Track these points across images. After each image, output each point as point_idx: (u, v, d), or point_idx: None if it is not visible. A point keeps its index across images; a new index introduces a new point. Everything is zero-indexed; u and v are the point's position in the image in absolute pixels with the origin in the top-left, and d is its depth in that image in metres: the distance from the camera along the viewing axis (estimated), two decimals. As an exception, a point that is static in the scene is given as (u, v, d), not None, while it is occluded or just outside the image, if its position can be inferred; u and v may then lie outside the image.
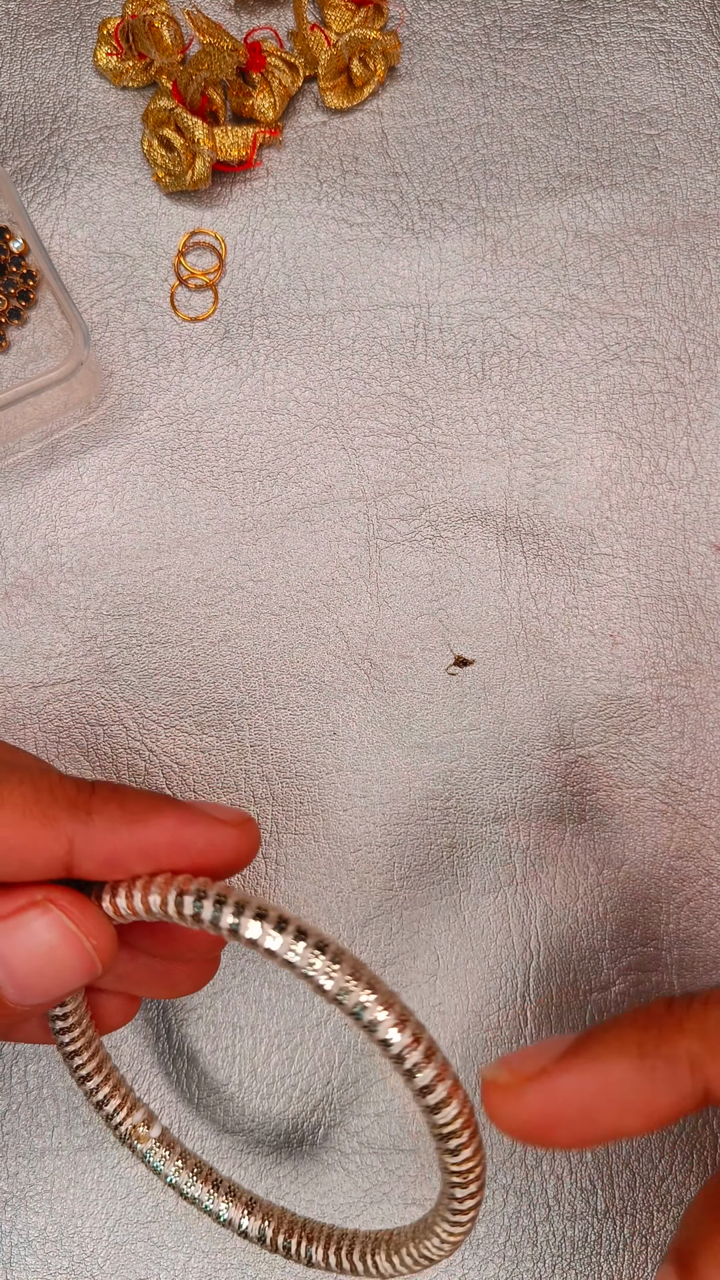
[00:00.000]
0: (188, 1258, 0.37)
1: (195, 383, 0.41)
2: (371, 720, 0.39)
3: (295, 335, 0.41)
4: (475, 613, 0.40)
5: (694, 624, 0.40)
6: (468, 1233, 0.27)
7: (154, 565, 0.40)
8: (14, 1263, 0.37)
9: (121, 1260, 0.37)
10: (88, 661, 0.39)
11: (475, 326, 0.41)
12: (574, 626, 0.40)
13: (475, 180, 0.42)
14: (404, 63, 0.43)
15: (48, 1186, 0.37)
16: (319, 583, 0.40)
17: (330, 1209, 0.37)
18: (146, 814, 0.25)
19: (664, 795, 0.39)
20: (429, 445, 0.41)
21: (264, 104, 0.41)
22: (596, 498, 0.41)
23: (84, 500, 0.40)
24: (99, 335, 0.41)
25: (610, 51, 0.43)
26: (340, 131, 0.42)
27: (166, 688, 0.39)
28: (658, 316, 0.41)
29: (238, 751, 0.39)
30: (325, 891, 0.39)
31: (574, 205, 0.42)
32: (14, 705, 0.39)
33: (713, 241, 0.42)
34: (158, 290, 0.41)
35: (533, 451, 0.41)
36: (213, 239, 0.42)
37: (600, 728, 0.39)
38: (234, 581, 0.40)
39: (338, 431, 0.41)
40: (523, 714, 0.39)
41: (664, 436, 0.41)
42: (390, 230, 0.42)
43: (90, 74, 0.42)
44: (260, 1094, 0.38)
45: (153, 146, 0.41)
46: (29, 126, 0.42)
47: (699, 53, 0.43)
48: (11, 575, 0.40)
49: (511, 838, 0.39)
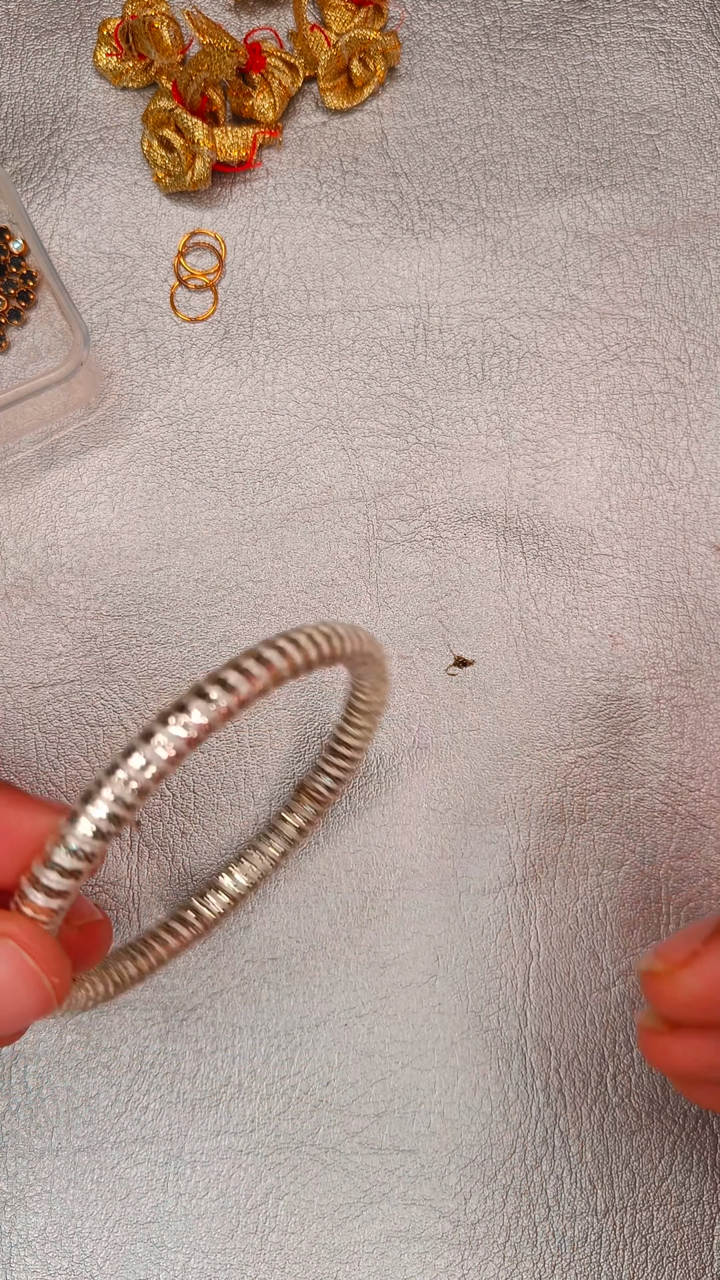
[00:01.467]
0: (187, 1258, 0.37)
1: (195, 383, 0.41)
2: (371, 720, 0.39)
3: (295, 335, 0.41)
4: (475, 613, 0.40)
5: (694, 624, 0.40)
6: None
7: (154, 565, 0.40)
8: (13, 1263, 0.37)
9: (121, 1261, 0.37)
10: (88, 662, 0.39)
11: (475, 327, 0.41)
12: (574, 626, 0.40)
13: (475, 180, 0.42)
14: (404, 63, 0.43)
15: (47, 1187, 0.37)
16: (319, 583, 0.40)
17: (330, 1209, 0.37)
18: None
19: (664, 795, 0.39)
20: (429, 445, 0.41)
21: (264, 104, 0.41)
22: (596, 498, 0.41)
23: (84, 500, 0.40)
24: (99, 336, 0.41)
25: (610, 51, 0.43)
26: (340, 132, 0.42)
27: (166, 688, 0.39)
28: (658, 317, 0.41)
29: (238, 751, 0.39)
30: (325, 892, 0.38)
31: (574, 205, 0.42)
32: (14, 705, 0.39)
33: (713, 241, 0.42)
34: (158, 291, 0.41)
35: (533, 452, 0.41)
36: (212, 239, 0.42)
37: (600, 728, 0.39)
38: (234, 582, 0.40)
39: (338, 432, 0.41)
40: (523, 714, 0.39)
41: (664, 437, 0.41)
42: (390, 230, 0.42)
43: (90, 74, 0.42)
44: (260, 1094, 0.38)
45: (153, 147, 0.41)
46: (29, 127, 0.42)
47: (699, 53, 0.43)
48: (11, 575, 0.40)
49: (511, 838, 0.39)
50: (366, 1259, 0.37)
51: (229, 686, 0.23)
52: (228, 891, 0.36)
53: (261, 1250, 0.37)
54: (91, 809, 0.23)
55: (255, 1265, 0.37)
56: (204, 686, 0.23)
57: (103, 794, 0.23)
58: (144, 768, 0.23)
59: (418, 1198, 0.37)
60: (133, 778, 0.23)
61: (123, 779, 0.23)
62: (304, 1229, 0.37)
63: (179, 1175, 0.37)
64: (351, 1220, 0.37)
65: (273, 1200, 0.37)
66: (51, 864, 0.23)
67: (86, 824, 0.23)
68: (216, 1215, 0.37)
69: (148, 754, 0.23)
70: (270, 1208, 0.37)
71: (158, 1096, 0.38)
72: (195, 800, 0.39)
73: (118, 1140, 0.37)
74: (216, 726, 0.23)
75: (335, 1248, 0.37)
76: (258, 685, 0.23)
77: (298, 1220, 0.37)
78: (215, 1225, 0.37)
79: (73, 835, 0.23)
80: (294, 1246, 0.37)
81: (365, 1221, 0.37)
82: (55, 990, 0.24)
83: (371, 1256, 0.37)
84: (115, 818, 0.23)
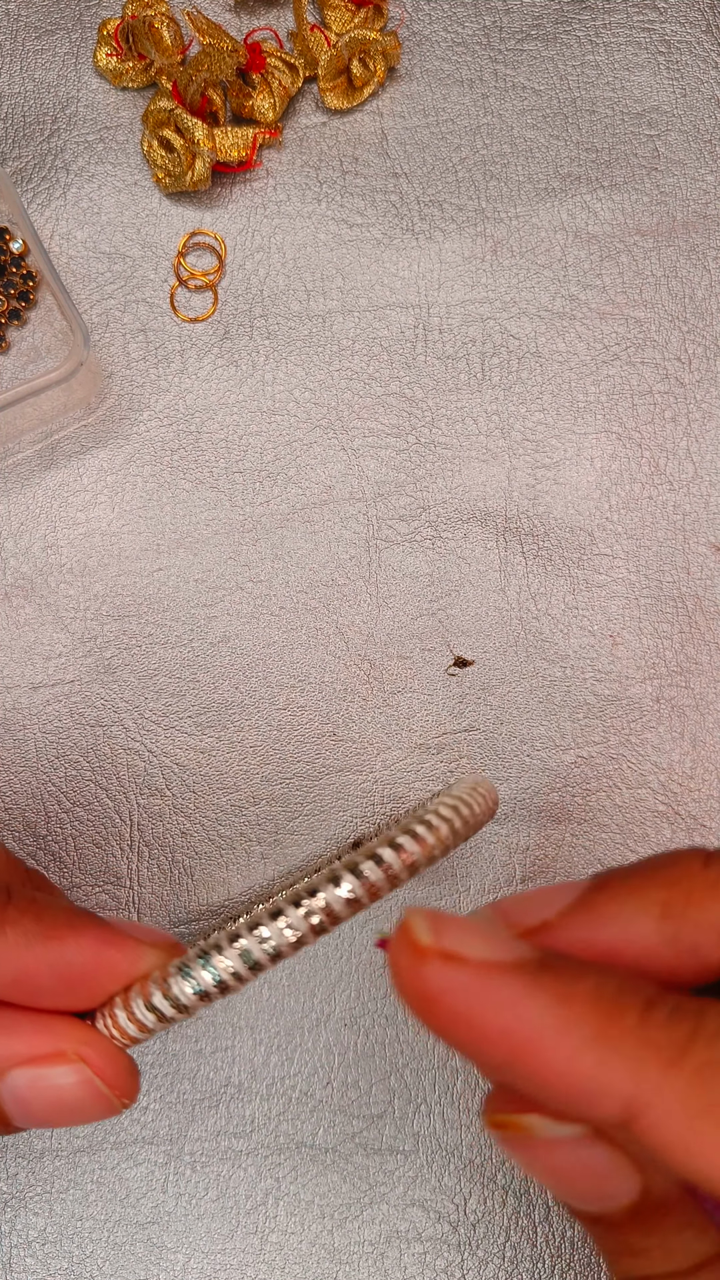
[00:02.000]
0: (187, 1258, 0.37)
1: (195, 383, 0.41)
2: (371, 720, 0.39)
3: (295, 336, 0.41)
4: (475, 613, 0.40)
5: (694, 624, 0.40)
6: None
7: (154, 566, 0.40)
8: (13, 1264, 0.37)
9: (121, 1261, 0.37)
10: (87, 662, 0.39)
11: (475, 327, 0.41)
12: (574, 626, 0.40)
13: (475, 181, 0.42)
14: (404, 63, 0.43)
15: (47, 1188, 0.37)
16: (319, 583, 0.40)
17: (330, 1209, 0.37)
18: (64, 930, 0.23)
19: (664, 795, 0.39)
20: (429, 446, 0.41)
21: (264, 104, 0.41)
22: (596, 498, 0.41)
23: (84, 500, 0.40)
24: (99, 336, 0.41)
25: (610, 51, 0.43)
26: (340, 132, 0.42)
27: (166, 688, 0.39)
28: (658, 317, 0.41)
29: (238, 751, 0.39)
30: (325, 892, 0.38)
31: (574, 205, 0.42)
32: (14, 706, 0.39)
33: (713, 241, 0.42)
34: (158, 291, 0.41)
35: (533, 452, 0.41)
36: (213, 240, 0.42)
37: (600, 728, 0.39)
38: (234, 582, 0.40)
39: (338, 432, 0.41)
40: (523, 714, 0.39)
41: (664, 437, 0.41)
42: (390, 231, 0.42)
43: (90, 74, 0.42)
44: (260, 1094, 0.38)
45: (153, 147, 0.41)
46: (29, 127, 0.42)
47: (699, 53, 0.43)
48: (11, 575, 0.40)
49: (511, 838, 0.39)
50: (366, 1259, 0.37)
51: (360, 874, 0.22)
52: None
53: (261, 1250, 0.37)
54: (204, 973, 0.22)
55: (255, 1265, 0.37)
56: (338, 871, 0.22)
57: (217, 961, 0.22)
58: (264, 941, 0.22)
59: (417, 1198, 0.37)
60: (252, 949, 0.22)
61: (241, 949, 0.22)
62: (304, 1229, 0.37)
63: (179, 1175, 0.37)
64: (351, 1220, 0.37)
65: (273, 1200, 0.37)
66: (151, 1007, 0.23)
67: (195, 984, 0.22)
68: (216, 1215, 0.37)
69: (272, 929, 0.22)
70: (270, 1208, 0.37)
71: (158, 1097, 0.38)
72: (195, 800, 0.39)
73: (118, 1141, 0.37)
74: (343, 917, 0.22)
75: (335, 1248, 0.37)
76: (392, 870, 0.22)
77: (298, 1220, 0.37)
78: (215, 1225, 0.37)
79: (181, 990, 0.23)
80: (294, 1246, 0.37)
81: (365, 1222, 0.37)
82: (122, 1103, 0.24)
83: (371, 1257, 0.37)
84: (224, 985, 0.22)
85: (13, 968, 0.23)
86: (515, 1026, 0.18)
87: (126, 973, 0.23)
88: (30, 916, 0.23)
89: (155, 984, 0.23)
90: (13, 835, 0.39)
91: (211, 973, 0.22)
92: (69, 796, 0.39)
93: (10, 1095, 0.23)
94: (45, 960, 0.23)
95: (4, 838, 0.39)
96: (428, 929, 0.19)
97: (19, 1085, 0.23)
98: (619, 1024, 0.18)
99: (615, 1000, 0.18)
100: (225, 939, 0.22)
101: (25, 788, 0.39)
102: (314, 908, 0.22)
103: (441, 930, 0.19)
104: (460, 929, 0.19)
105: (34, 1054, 0.23)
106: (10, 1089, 0.23)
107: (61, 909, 0.24)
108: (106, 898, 0.38)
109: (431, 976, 0.19)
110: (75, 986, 0.23)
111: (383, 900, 0.24)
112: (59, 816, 0.39)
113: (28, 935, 0.23)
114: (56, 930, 0.23)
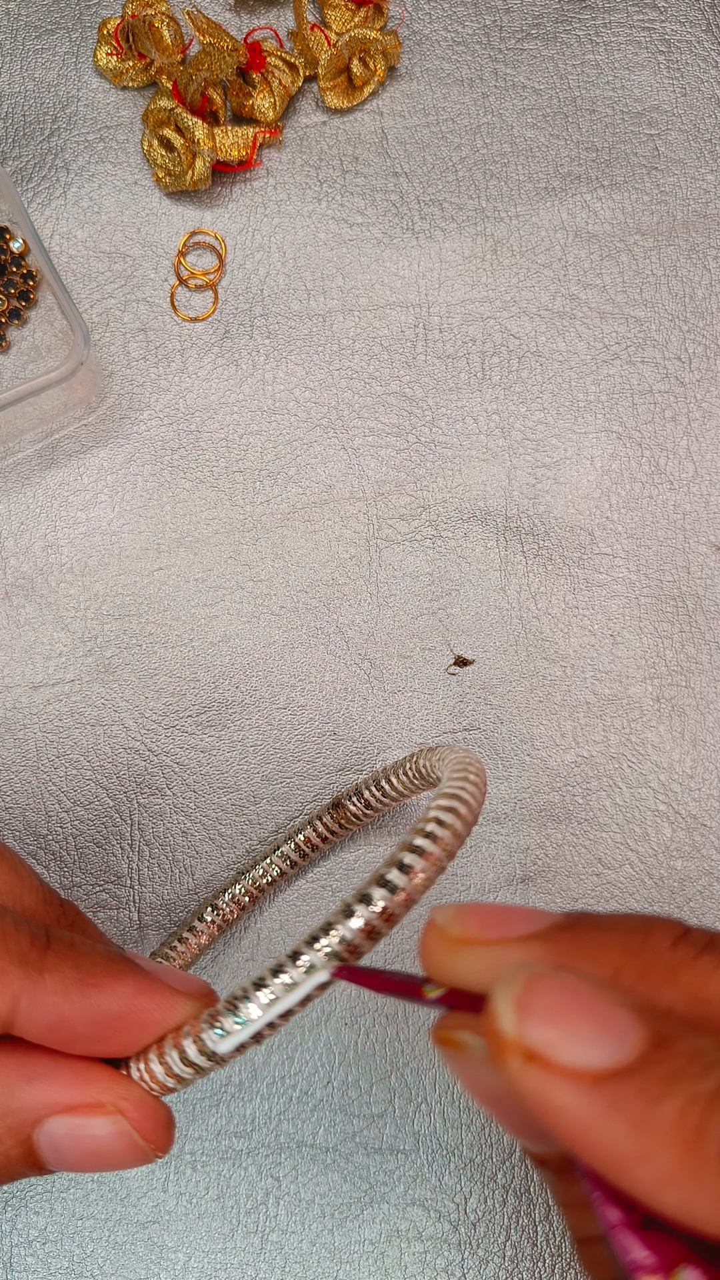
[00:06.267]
0: (188, 1258, 0.37)
1: (195, 383, 0.41)
2: (372, 720, 0.39)
3: (295, 335, 0.41)
4: (475, 613, 0.40)
5: (694, 624, 0.40)
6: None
7: (154, 565, 0.40)
8: (14, 1263, 0.37)
9: (121, 1260, 0.37)
10: (88, 661, 0.39)
11: (475, 326, 0.41)
12: (574, 626, 0.40)
13: (475, 180, 0.42)
14: (404, 63, 0.43)
15: (48, 1187, 0.37)
16: (319, 583, 0.40)
17: (329, 1209, 0.37)
18: (102, 978, 0.23)
19: (664, 795, 0.39)
20: (429, 445, 0.41)
21: (264, 104, 0.41)
22: (596, 498, 0.41)
23: (84, 500, 0.40)
24: (99, 335, 0.41)
25: (610, 51, 0.43)
26: (340, 131, 0.42)
27: (166, 688, 0.39)
28: (658, 316, 0.41)
29: (238, 751, 0.39)
30: (325, 891, 0.38)
31: (574, 205, 0.42)
32: (14, 705, 0.39)
33: (713, 241, 0.42)
34: (158, 290, 0.41)
35: (533, 451, 0.41)
36: (213, 239, 0.42)
37: (600, 727, 0.39)
38: (234, 581, 0.40)
39: (338, 431, 0.41)
40: (523, 713, 0.39)
41: (664, 436, 0.41)
42: (390, 230, 0.42)
43: (90, 74, 0.42)
44: (260, 1094, 0.38)
45: (153, 146, 0.41)
46: (29, 126, 0.42)
47: (699, 53, 0.43)
48: (11, 575, 0.40)
49: (511, 838, 0.39)
50: (366, 1258, 0.37)
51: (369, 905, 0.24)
52: (242, 891, 0.38)
53: (261, 1250, 0.37)
54: (240, 1031, 0.22)
55: (255, 1265, 0.37)
56: (349, 917, 0.23)
57: (249, 1010, 0.22)
58: (290, 987, 0.22)
59: (417, 1198, 0.37)
60: (283, 1000, 0.22)
61: (270, 1001, 0.22)
62: (304, 1228, 0.37)
63: (179, 1175, 0.37)
64: (351, 1220, 0.37)
65: (273, 1200, 0.37)
66: (188, 1060, 0.23)
67: (232, 1042, 0.22)
68: (217, 1215, 0.37)
69: (297, 976, 0.22)
70: (270, 1207, 0.37)
71: (158, 1096, 0.38)
72: (195, 799, 0.39)
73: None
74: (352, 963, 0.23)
75: (335, 1247, 0.37)
76: (401, 900, 0.23)
77: (298, 1220, 0.37)
78: (216, 1224, 0.37)
79: (216, 1045, 0.22)
80: (294, 1246, 0.37)
81: (365, 1221, 0.37)
82: (156, 1154, 0.24)
83: (371, 1256, 0.37)
84: (259, 1036, 0.22)
85: (51, 1014, 0.23)
86: (589, 1143, 0.17)
87: (161, 1023, 0.23)
88: (69, 963, 0.23)
89: (189, 1038, 0.23)
90: (13, 835, 0.39)
91: (248, 1025, 0.22)
92: (69, 796, 0.39)
93: (48, 1142, 0.23)
94: (83, 1009, 0.23)
95: (4, 837, 0.39)
96: (514, 1015, 0.17)
97: (57, 1134, 0.23)
98: (701, 1154, 0.16)
99: (699, 1130, 0.16)
100: (252, 986, 0.22)
101: (25, 787, 0.39)
102: (330, 942, 0.23)
103: (527, 1009, 0.18)
104: (552, 1011, 0.17)
105: (73, 1103, 0.23)
106: (48, 1136, 0.23)
107: (99, 955, 0.24)
108: (107, 897, 0.38)
109: (514, 1075, 0.17)
110: (109, 1034, 0.23)
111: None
112: (59, 816, 0.39)
113: (66, 982, 0.23)
114: (94, 978, 0.23)
